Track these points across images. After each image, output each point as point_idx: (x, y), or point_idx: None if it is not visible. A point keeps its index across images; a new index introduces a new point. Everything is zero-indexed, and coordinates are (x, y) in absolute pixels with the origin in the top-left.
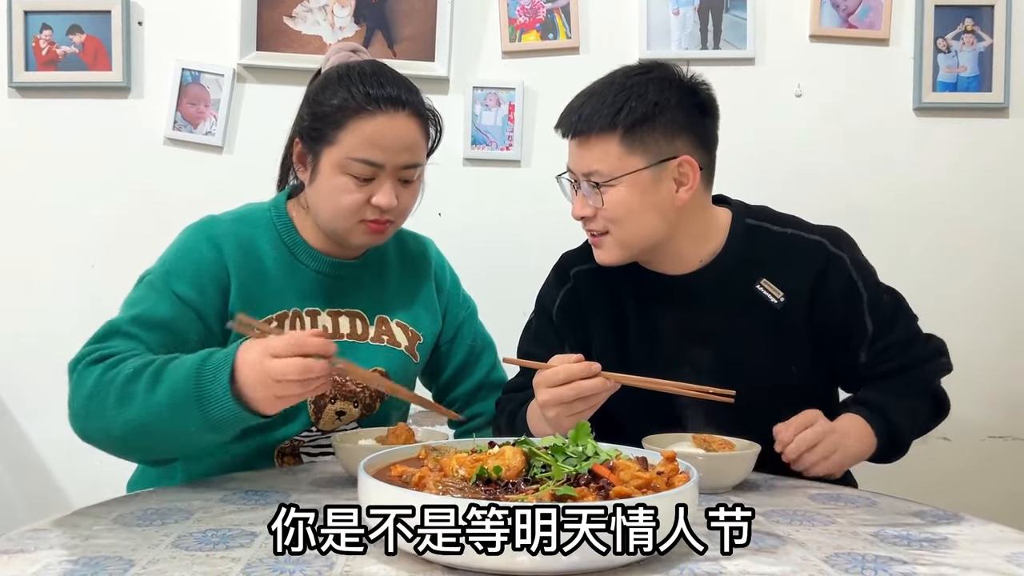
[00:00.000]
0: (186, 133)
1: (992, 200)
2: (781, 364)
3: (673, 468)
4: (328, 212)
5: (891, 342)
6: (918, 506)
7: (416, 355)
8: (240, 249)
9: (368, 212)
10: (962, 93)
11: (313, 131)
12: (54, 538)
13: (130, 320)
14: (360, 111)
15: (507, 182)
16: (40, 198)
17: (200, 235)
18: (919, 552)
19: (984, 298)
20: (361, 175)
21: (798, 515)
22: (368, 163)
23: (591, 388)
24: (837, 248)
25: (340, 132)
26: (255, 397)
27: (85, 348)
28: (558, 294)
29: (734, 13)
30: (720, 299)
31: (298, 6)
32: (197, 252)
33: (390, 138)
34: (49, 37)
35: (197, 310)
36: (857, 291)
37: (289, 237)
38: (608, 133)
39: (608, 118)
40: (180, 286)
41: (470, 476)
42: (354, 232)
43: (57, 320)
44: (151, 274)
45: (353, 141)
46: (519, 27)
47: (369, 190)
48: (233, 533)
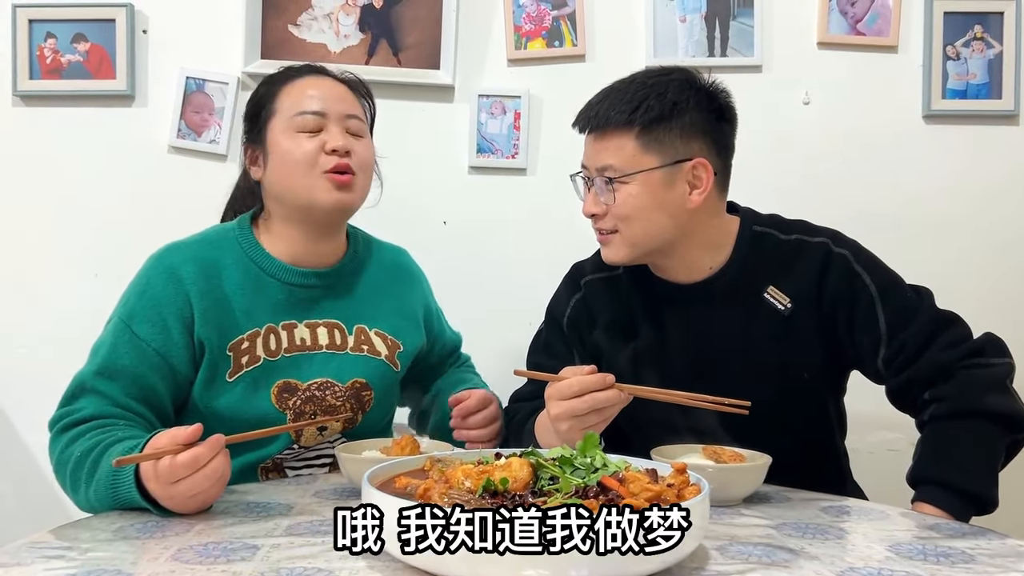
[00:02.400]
0: (190, 141)
1: (1002, 208)
2: (792, 371)
3: (684, 480)
4: (287, 175)
5: (907, 338)
6: (932, 519)
7: (396, 363)
8: (202, 274)
9: (326, 161)
10: (972, 100)
11: (253, 121)
12: (52, 551)
13: (94, 373)
14: (287, 79)
15: (513, 190)
16: (43, 207)
17: (158, 269)
18: (936, 567)
19: (994, 306)
20: (308, 126)
21: (810, 528)
22: (311, 112)
23: (605, 400)
24: (839, 247)
25: (275, 102)
26: (172, 505)
27: (57, 411)
28: (569, 303)
29: (741, 20)
30: (729, 307)
31: (303, 14)
32: (155, 288)
33: (324, 90)
34: (53, 46)
35: (160, 352)
36: (862, 284)
37: (256, 253)
38: (625, 129)
39: (626, 114)
40: (141, 328)
41: (476, 488)
42: (318, 189)
43: (60, 330)
44: (115, 315)
45: (290, 100)
46: (525, 35)
47: (320, 139)
48: (235, 546)
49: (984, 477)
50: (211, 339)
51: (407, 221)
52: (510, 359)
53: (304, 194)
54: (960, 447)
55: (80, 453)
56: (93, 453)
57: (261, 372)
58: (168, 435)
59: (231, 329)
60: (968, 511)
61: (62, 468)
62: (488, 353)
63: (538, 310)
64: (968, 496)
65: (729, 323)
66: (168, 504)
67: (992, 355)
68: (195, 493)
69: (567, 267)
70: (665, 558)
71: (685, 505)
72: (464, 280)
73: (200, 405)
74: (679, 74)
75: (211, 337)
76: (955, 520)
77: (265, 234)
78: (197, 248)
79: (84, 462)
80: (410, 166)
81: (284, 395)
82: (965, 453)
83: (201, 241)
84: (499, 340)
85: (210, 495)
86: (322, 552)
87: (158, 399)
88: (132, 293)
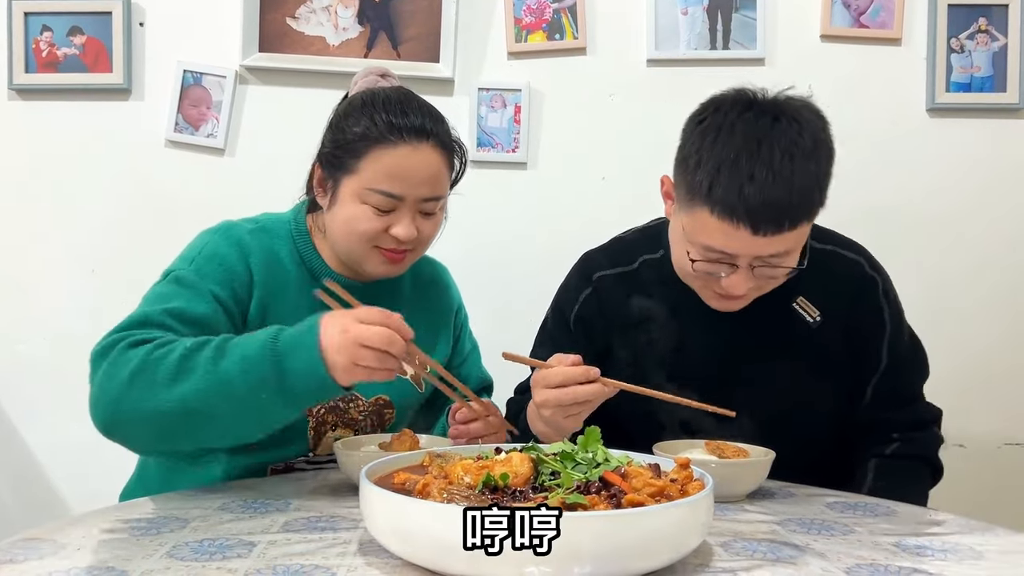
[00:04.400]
0: (188, 135)
1: (1007, 202)
2: (814, 383)
3: (687, 475)
4: (344, 239)
5: (899, 385)
6: (938, 515)
7: (421, 385)
8: (265, 261)
9: (385, 241)
10: (976, 94)
11: (334, 158)
12: (45, 548)
13: (164, 312)
14: (382, 141)
15: (513, 184)
16: (40, 202)
17: (228, 240)
18: (944, 563)
19: (1001, 302)
20: (380, 206)
21: (815, 524)
22: (388, 195)
23: (587, 394)
24: (874, 271)
25: (361, 161)
26: (336, 361)
27: (114, 335)
28: (577, 299)
29: (744, 13)
30: (756, 314)
31: (301, 7)
32: (226, 257)
33: (411, 170)
34: (49, 39)
35: (230, 313)
36: (882, 321)
37: (308, 253)
38: (807, 223)
39: (807, 212)
40: (215, 287)
41: (476, 483)
42: (370, 260)
43: (56, 325)
44: (178, 270)
45: (373, 172)
46: (525, 27)
47: (388, 220)
48: (231, 543)
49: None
50: (256, 326)
51: None
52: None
53: (355, 257)
54: (915, 487)
55: (190, 345)
56: (212, 343)
57: None
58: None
59: (277, 321)
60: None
61: (149, 368)
62: (488, 348)
63: (539, 304)
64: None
65: (755, 330)
66: (341, 356)
67: (940, 425)
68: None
69: (568, 261)
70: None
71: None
72: (464, 275)
73: None
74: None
75: (260, 323)
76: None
77: (318, 234)
78: (257, 235)
79: (200, 350)
80: None
81: None
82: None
83: (260, 229)
84: (498, 334)
85: (378, 366)
86: (320, 549)
87: None
88: (199, 256)
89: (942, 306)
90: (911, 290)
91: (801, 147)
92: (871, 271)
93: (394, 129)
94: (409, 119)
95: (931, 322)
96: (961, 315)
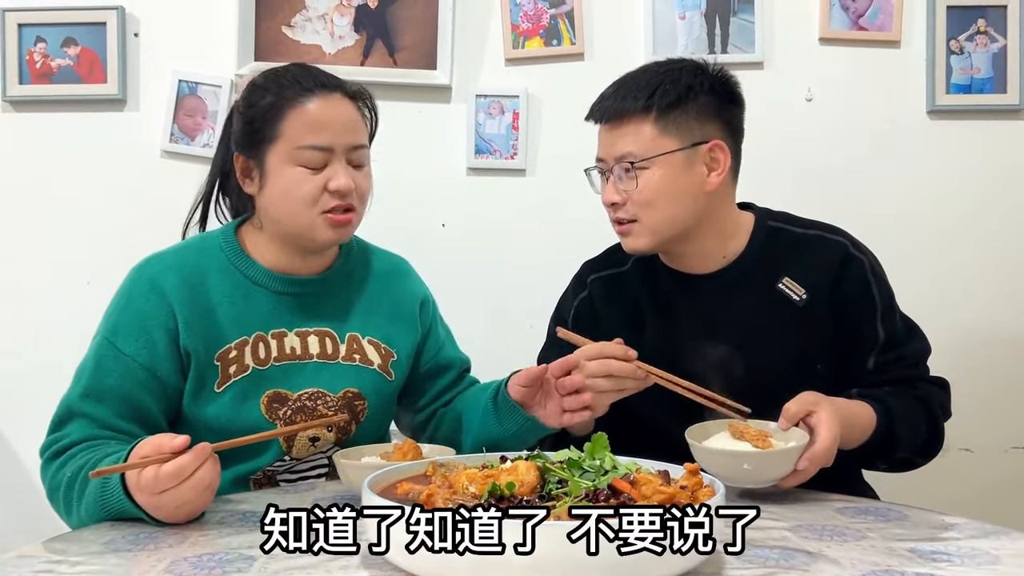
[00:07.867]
0: (183, 146)
1: (1007, 203)
2: (805, 362)
3: (697, 482)
4: (287, 212)
5: (904, 353)
6: (952, 519)
7: (391, 373)
8: (184, 283)
9: (326, 201)
10: (976, 95)
11: (251, 136)
12: (40, 564)
13: (81, 396)
14: (295, 99)
15: (512, 192)
16: (35, 213)
17: (138, 281)
18: (961, 568)
19: (1003, 305)
20: (312, 163)
21: (827, 530)
22: (317, 148)
23: (620, 369)
24: (858, 251)
25: (281, 124)
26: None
27: (47, 438)
28: (573, 303)
29: (742, 17)
30: (743, 297)
31: (297, 15)
32: (137, 302)
33: (331, 119)
34: (43, 50)
35: (147, 367)
36: (871, 297)
37: (241, 262)
38: (642, 115)
39: (642, 100)
40: (126, 344)
41: (481, 493)
42: (317, 227)
43: (52, 338)
44: (99, 332)
45: (295, 129)
46: (522, 33)
47: (323, 177)
48: (230, 557)
49: (904, 443)
50: (197, 349)
51: (406, 224)
52: (506, 359)
53: (303, 230)
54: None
55: (71, 474)
56: (83, 471)
57: (250, 382)
58: (152, 443)
59: (218, 338)
60: (875, 449)
61: (55, 493)
62: (487, 355)
63: (538, 311)
64: (891, 431)
65: (743, 313)
66: (155, 514)
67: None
68: (181, 504)
69: (567, 268)
70: (685, 561)
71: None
72: (463, 283)
73: (190, 416)
74: (688, 62)
75: (197, 347)
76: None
77: (251, 242)
78: (179, 256)
79: (75, 482)
80: (408, 168)
81: (274, 405)
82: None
83: (184, 249)
84: (496, 340)
85: (198, 505)
86: (321, 563)
87: (150, 415)
88: (114, 308)
89: (944, 308)
90: (912, 292)
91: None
92: (856, 252)
93: (302, 87)
94: (312, 76)
95: (932, 324)
96: (963, 318)
